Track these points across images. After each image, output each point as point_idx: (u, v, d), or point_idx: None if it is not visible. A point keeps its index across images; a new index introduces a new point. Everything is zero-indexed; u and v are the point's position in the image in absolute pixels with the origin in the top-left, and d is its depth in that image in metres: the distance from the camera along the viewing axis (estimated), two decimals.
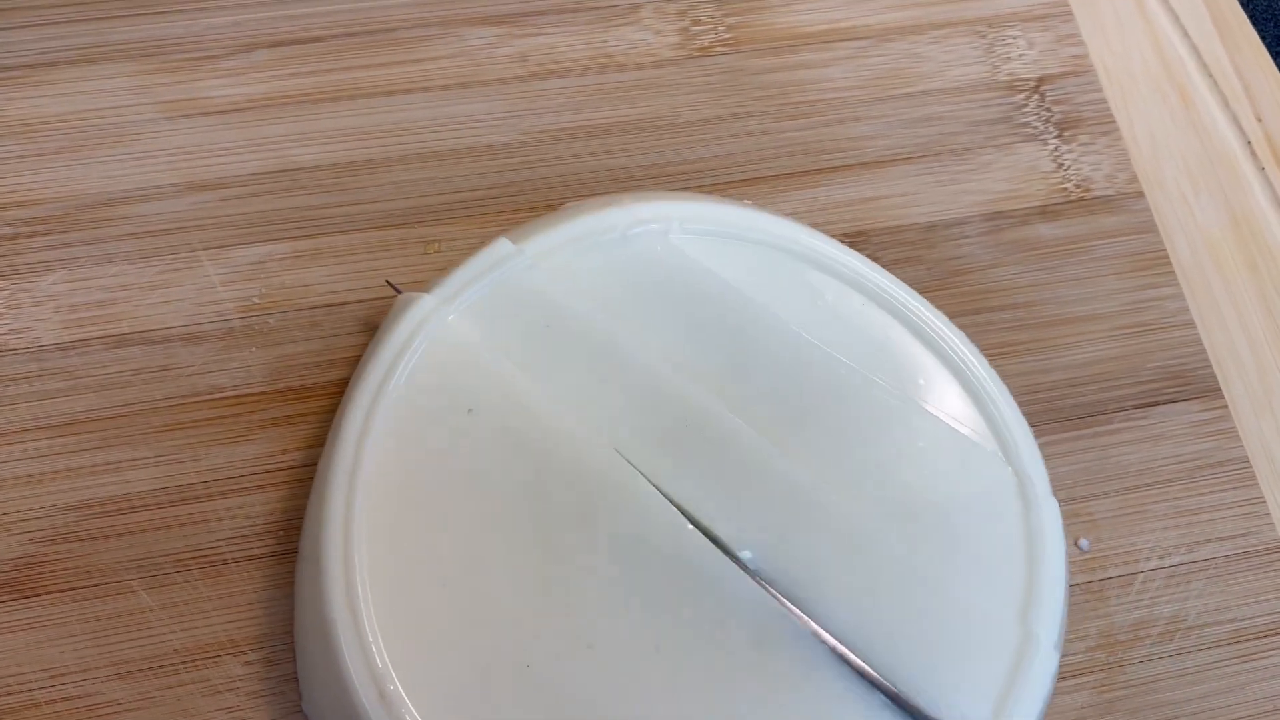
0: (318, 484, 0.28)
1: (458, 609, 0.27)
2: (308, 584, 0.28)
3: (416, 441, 0.28)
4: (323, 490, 0.28)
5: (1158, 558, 0.32)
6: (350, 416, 0.28)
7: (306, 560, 0.28)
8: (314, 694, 0.28)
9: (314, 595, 0.27)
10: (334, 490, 0.28)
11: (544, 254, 0.30)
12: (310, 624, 0.28)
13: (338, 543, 0.27)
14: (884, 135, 0.37)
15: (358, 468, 0.28)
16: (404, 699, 0.25)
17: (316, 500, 0.28)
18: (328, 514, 0.27)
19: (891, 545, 0.28)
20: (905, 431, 0.29)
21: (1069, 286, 0.35)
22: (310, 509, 0.29)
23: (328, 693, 0.27)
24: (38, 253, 0.32)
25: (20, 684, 0.28)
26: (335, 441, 0.28)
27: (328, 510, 0.27)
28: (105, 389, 0.31)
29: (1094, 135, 0.38)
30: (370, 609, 0.26)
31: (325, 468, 0.28)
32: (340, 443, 0.28)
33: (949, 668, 0.27)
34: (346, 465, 0.28)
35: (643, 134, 0.36)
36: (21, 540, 0.29)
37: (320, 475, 0.28)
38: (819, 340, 0.30)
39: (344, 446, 0.28)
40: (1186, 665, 0.31)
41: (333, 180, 0.34)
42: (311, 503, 0.29)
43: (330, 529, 0.27)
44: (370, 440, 0.28)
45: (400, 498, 0.28)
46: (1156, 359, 0.35)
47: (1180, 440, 0.34)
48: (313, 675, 0.28)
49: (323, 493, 0.28)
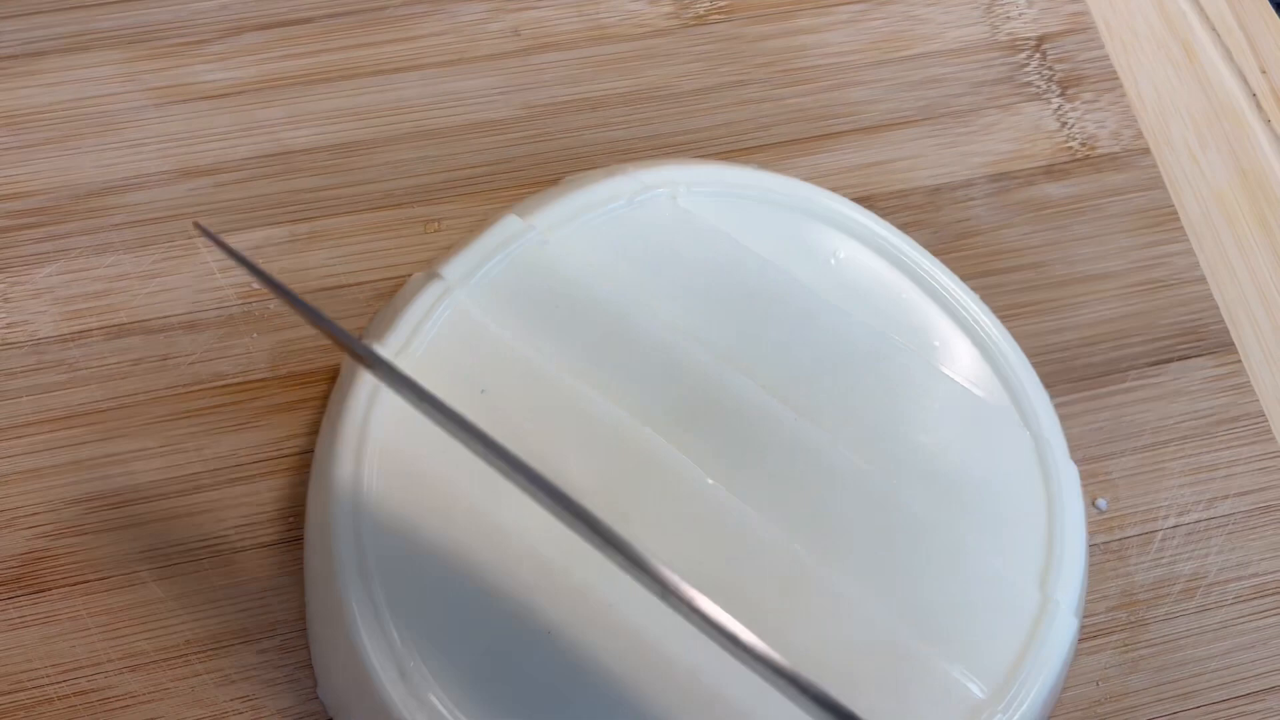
0: (324, 465, 0.28)
1: (473, 581, 0.26)
2: (318, 567, 0.27)
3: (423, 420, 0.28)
4: (329, 471, 0.27)
5: (1176, 515, 0.32)
6: (355, 397, 0.28)
7: (315, 544, 0.28)
8: (330, 678, 0.27)
9: (325, 578, 0.27)
10: (341, 471, 0.27)
11: (553, 227, 0.29)
12: (323, 608, 0.27)
13: (347, 524, 0.27)
14: (885, 99, 0.36)
15: (364, 448, 0.27)
16: (426, 674, 0.25)
17: (322, 481, 0.28)
18: (335, 495, 0.27)
19: (909, 507, 0.28)
20: (921, 394, 0.29)
21: (1078, 245, 0.35)
22: (315, 491, 0.28)
23: (345, 675, 0.26)
24: (31, 245, 0.31)
25: (33, 679, 0.28)
26: (340, 423, 0.28)
27: (335, 491, 0.27)
28: (106, 380, 0.30)
29: (1097, 93, 0.37)
30: (383, 587, 0.26)
31: (330, 449, 0.28)
32: (345, 424, 0.27)
33: (967, 631, 0.27)
34: (352, 446, 0.27)
35: (641, 105, 0.35)
36: (28, 535, 0.29)
37: (326, 457, 0.28)
38: (834, 301, 0.30)
39: (349, 428, 0.27)
40: (1209, 622, 0.31)
41: (328, 162, 0.33)
42: (316, 485, 0.28)
43: (339, 509, 0.27)
44: (377, 421, 0.28)
45: (410, 476, 0.27)
46: (1169, 315, 0.34)
47: (1195, 396, 0.33)
48: (328, 660, 0.27)
49: (329, 474, 0.27)
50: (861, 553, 0.27)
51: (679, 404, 0.28)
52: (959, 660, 0.26)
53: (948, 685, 0.26)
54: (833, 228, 0.31)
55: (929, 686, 0.26)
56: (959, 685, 0.26)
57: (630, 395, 0.28)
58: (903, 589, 0.27)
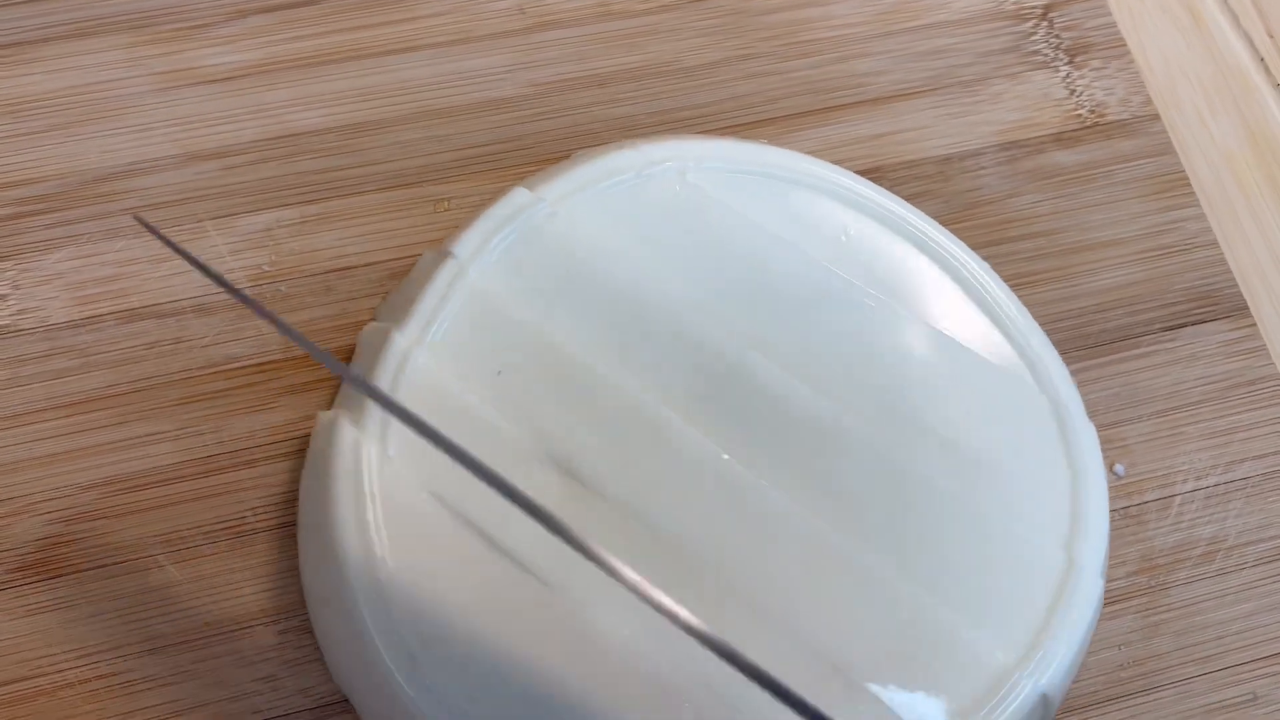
0: (324, 450, 0.28)
1: (483, 564, 0.26)
2: (319, 552, 0.27)
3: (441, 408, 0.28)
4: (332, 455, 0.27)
5: (1194, 479, 0.32)
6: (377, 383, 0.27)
7: (313, 528, 0.28)
8: (340, 665, 0.27)
9: (328, 562, 0.27)
10: (343, 455, 0.27)
11: (561, 199, 0.29)
12: (327, 593, 0.27)
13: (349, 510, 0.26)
14: (892, 70, 0.36)
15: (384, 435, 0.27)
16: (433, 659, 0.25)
17: (321, 465, 0.28)
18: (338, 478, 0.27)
19: (929, 478, 0.28)
20: (936, 365, 0.29)
21: (1089, 212, 0.35)
22: (312, 474, 0.28)
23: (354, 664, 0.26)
24: (40, 231, 0.31)
25: (52, 664, 0.27)
26: (360, 406, 0.27)
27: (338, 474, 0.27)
28: (119, 365, 0.30)
29: (1105, 60, 0.37)
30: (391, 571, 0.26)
31: (335, 435, 0.27)
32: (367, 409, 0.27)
33: (992, 597, 0.27)
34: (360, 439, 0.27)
35: (647, 81, 0.35)
36: (45, 520, 0.29)
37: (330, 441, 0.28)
38: (844, 274, 0.30)
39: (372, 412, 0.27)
40: (1229, 585, 0.31)
41: (337, 143, 0.33)
42: (314, 468, 0.28)
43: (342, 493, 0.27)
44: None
45: (423, 463, 0.27)
46: (1182, 280, 0.34)
47: (1210, 360, 0.33)
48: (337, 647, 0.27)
49: (331, 458, 0.27)
50: (882, 524, 0.27)
51: (692, 380, 0.28)
52: (985, 627, 0.26)
53: (975, 652, 0.26)
54: (842, 203, 0.31)
55: (956, 654, 0.26)
56: (986, 650, 0.26)
57: (644, 372, 0.28)
58: (925, 558, 0.27)
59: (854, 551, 0.27)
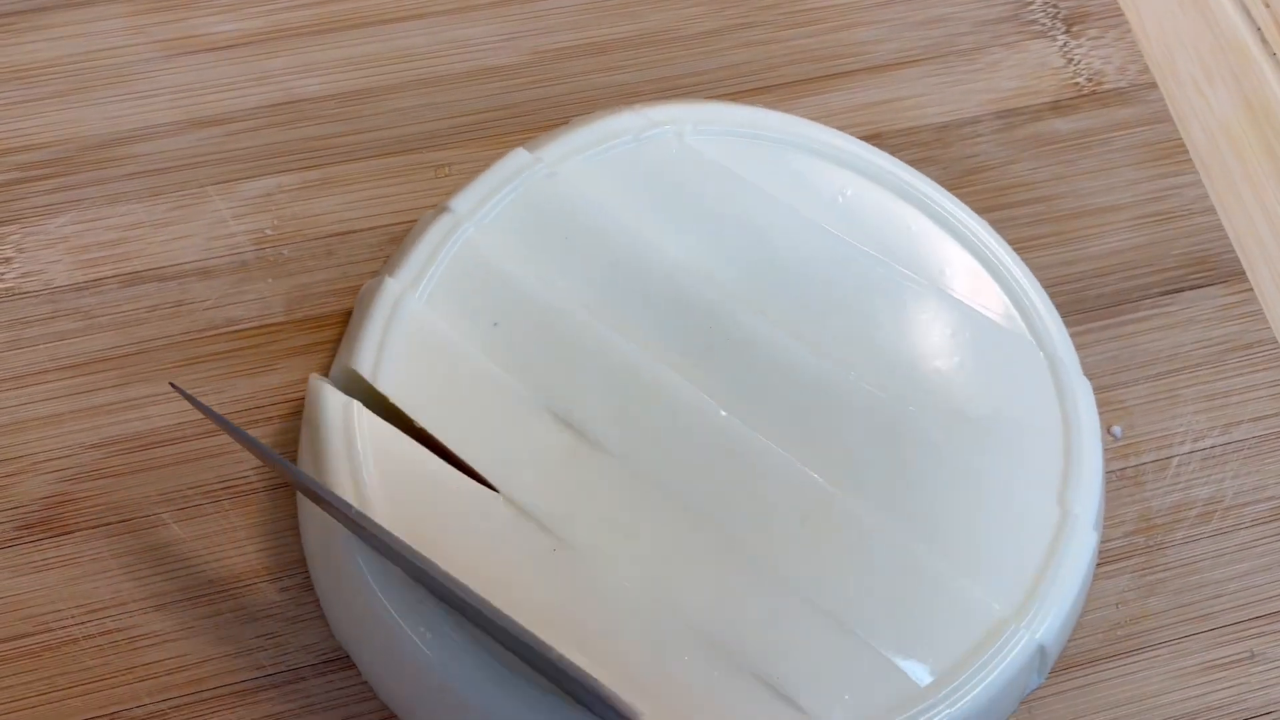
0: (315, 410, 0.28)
1: (480, 508, 0.26)
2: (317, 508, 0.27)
3: (437, 354, 0.28)
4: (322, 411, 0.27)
5: (1191, 441, 0.32)
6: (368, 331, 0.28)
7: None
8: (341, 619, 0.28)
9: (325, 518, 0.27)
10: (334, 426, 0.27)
11: (560, 160, 0.30)
12: (325, 548, 0.27)
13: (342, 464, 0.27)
14: (891, 39, 0.36)
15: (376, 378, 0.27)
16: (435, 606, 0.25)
17: (313, 420, 0.28)
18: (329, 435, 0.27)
19: (925, 432, 0.28)
20: (935, 320, 0.29)
21: (1087, 179, 0.35)
22: (307, 432, 0.28)
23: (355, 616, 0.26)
24: (44, 196, 0.32)
25: (58, 620, 0.28)
26: (352, 351, 0.28)
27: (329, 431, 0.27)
28: (122, 327, 0.30)
29: (1102, 29, 0.37)
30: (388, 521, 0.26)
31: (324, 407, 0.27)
32: (358, 356, 0.27)
33: (987, 550, 0.27)
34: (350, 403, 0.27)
35: (646, 49, 0.35)
36: (50, 479, 0.29)
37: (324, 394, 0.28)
38: (842, 234, 0.30)
39: (365, 355, 0.27)
40: (1226, 545, 0.31)
41: (337, 110, 0.33)
42: (308, 422, 0.28)
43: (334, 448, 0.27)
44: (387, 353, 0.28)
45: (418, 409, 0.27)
46: (1179, 246, 0.34)
47: (1207, 324, 0.33)
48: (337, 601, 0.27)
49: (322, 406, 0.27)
50: (878, 478, 0.28)
51: (690, 339, 0.29)
52: (980, 579, 0.26)
53: (969, 604, 0.26)
54: (839, 165, 0.31)
55: (951, 606, 0.26)
56: (981, 602, 0.26)
57: (641, 330, 0.29)
58: (921, 511, 0.27)
59: (852, 505, 0.27)
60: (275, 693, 0.28)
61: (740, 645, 0.25)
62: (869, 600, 0.26)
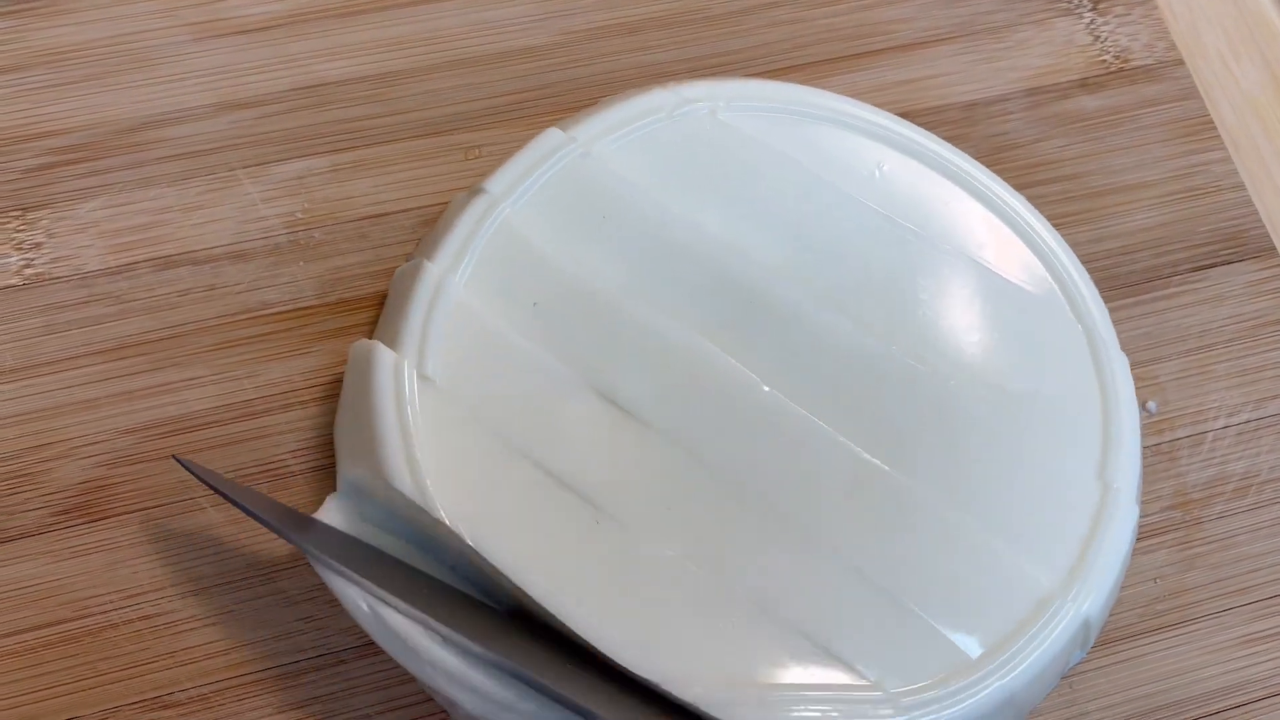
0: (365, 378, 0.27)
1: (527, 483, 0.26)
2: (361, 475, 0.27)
3: (478, 334, 0.28)
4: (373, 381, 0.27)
5: (1226, 416, 0.32)
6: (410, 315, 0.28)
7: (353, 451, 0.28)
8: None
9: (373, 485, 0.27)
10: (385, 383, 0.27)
11: (594, 140, 0.29)
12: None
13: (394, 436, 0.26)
14: (918, 17, 0.36)
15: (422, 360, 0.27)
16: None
17: (362, 391, 0.27)
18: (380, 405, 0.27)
19: (967, 406, 0.28)
20: (974, 295, 0.29)
21: (1116, 156, 0.35)
22: (350, 401, 0.28)
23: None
24: (74, 180, 0.31)
25: (98, 605, 0.28)
26: (395, 333, 0.27)
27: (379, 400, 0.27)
28: (155, 311, 0.30)
29: (1128, 6, 0.37)
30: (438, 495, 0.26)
31: (376, 365, 0.27)
32: (403, 335, 0.27)
33: (1031, 523, 0.27)
34: (401, 361, 0.27)
35: (676, 28, 0.35)
36: (86, 465, 0.29)
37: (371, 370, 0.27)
38: (880, 208, 0.30)
39: (408, 338, 0.27)
40: (1262, 519, 0.31)
41: (368, 92, 0.33)
42: (352, 393, 0.28)
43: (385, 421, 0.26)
44: (431, 337, 0.28)
45: (463, 389, 0.27)
46: (1209, 222, 0.34)
47: (1239, 300, 0.33)
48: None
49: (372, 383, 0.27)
50: (923, 452, 0.27)
51: (731, 315, 0.29)
52: (1025, 551, 0.26)
53: (1016, 576, 0.26)
54: (875, 140, 0.31)
55: (998, 578, 0.26)
56: (1027, 575, 0.26)
57: (682, 307, 0.28)
58: (965, 485, 0.27)
59: (896, 478, 0.27)
60: (316, 676, 0.28)
61: (791, 611, 0.25)
62: (918, 572, 0.26)
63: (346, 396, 0.28)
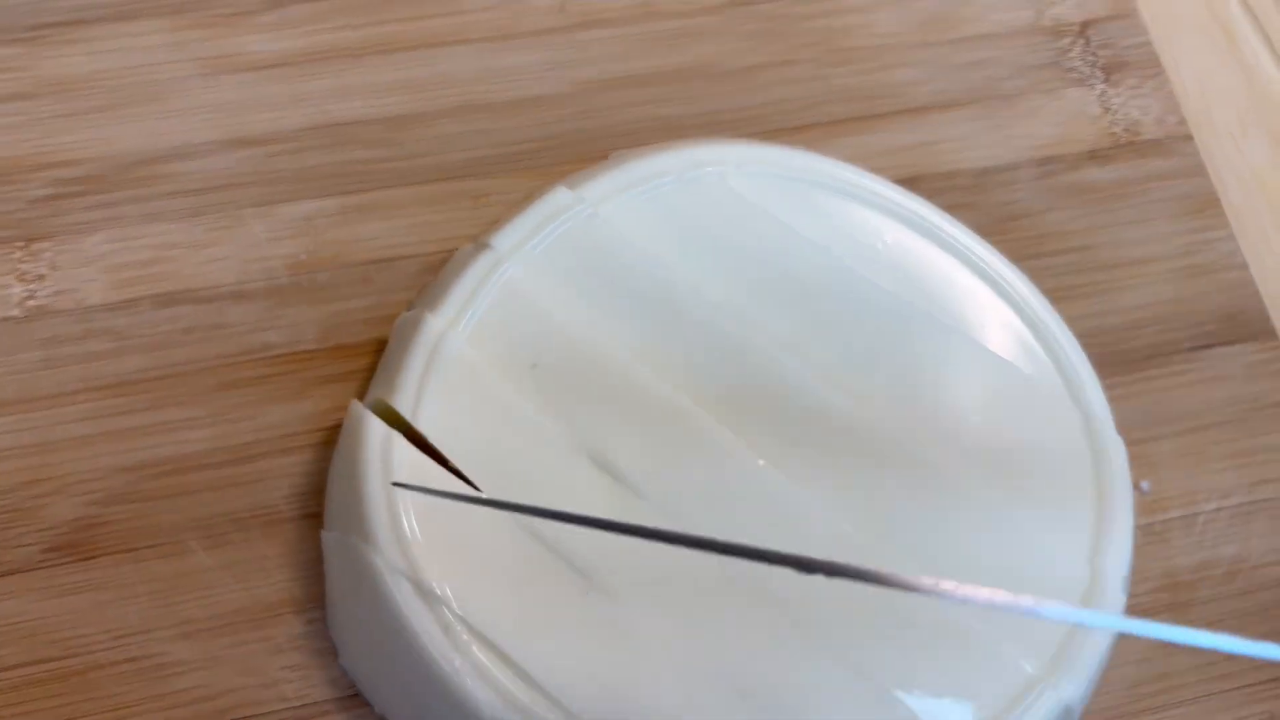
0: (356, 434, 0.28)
1: (517, 551, 0.26)
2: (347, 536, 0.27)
3: (475, 394, 0.28)
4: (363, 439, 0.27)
5: (1219, 498, 0.32)
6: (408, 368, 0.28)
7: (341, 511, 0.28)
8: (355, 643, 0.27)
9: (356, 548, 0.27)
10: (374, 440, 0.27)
11: (602, 200, 0.29)
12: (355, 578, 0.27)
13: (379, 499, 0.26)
14: (931, 80, 0.36)
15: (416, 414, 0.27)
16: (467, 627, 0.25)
17: (352, 447, 0.28)
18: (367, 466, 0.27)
19: (960, 486, 0.28)
20: (972, 374, 0.29)
21: (1123, 230, 0.35)
22: (344, 458, 0.28)
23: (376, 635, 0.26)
24: (80, 213, 0.31)
25: (84, 645, 0.28)
26: (391, 386, 0.28)
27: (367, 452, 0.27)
28: (155, 349, 0.30)
29: (1141, 79, 0.37)
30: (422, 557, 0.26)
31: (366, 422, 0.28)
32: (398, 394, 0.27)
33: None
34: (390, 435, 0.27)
35: (689, 83, 0.35)
36: (79, 502, 0.29)
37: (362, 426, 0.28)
38: (881, 281, 0.30)
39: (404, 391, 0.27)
40: (1250, 605, 0.31)
41: (379, 135, 0.33)
42: (345, 449, 0.28)
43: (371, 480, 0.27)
44: (427, 391, 0.28)
45: (457, 448, 0.27)
46: (1212, 301, 0.34)
47: (1238, 381, 0.33)
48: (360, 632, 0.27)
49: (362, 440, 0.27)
50: (912, 531, 0.28)
51: (729, 385, 0.29)
52: (1009, 635, 0.27)
53: (999, 660, 0.26)
54: (881, 212, 0.31)
55: (980, 662, 0.26)
56: (1010, 660, 0.26)
57: (681, 375, 0.28)
58: (953, 565, 0.27)
59: (885, 557, 0.27)
60: None
61: (771, 698, 0.25)
62: (901, 655, 0.26)
63: (338, 458, 0.28)
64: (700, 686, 0.25)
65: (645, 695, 0.25)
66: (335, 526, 0.28)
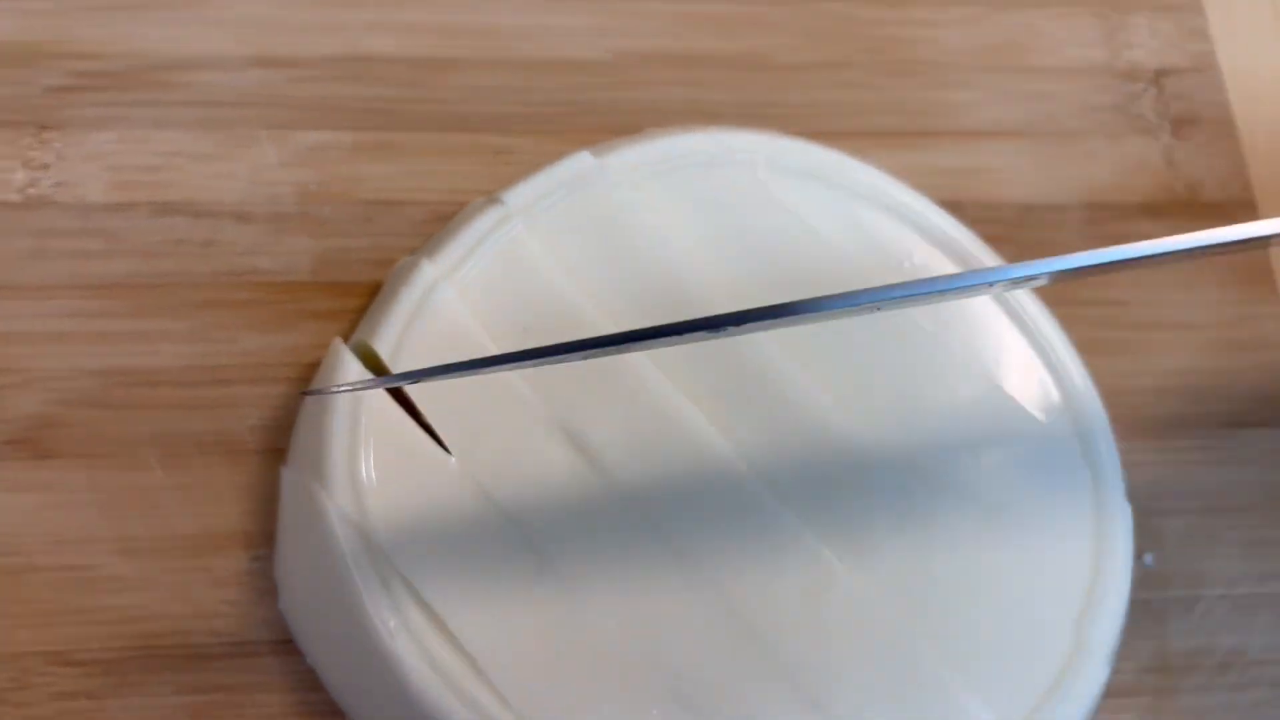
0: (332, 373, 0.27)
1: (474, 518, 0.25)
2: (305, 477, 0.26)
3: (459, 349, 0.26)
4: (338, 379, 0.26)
5: (1225, 585, 0.30)
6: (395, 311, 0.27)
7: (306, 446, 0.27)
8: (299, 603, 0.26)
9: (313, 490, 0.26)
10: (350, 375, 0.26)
11: (625, 171, 0.28)
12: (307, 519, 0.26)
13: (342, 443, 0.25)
14: (989, 106, 0.34)
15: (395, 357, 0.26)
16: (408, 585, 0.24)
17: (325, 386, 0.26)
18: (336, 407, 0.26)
19: (952, 529, 0.26)
20: (982, 413, 0.28)
21: (1167, 290, 0.33)
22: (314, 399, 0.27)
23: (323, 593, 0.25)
24: (93, 108, 0.30)
25: (23, 545, 0.27)
26: (375, 327, 0.26)
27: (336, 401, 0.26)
28: (146, 256, 0.29)
29: (1211, 137, 0.35)
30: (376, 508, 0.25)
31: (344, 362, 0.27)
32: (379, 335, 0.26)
33: (993, 663, 0.26)
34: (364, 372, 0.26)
35: (735, 70, 0.33)
36: (43, 399, 0.28)
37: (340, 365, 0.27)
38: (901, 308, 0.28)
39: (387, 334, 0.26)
40: (1242, 700, 0.29)
41: (407, 75, 0.32)
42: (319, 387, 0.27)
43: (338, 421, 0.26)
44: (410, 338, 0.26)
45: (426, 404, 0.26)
46: (1249, 378, 0.32)
47: (1263, 467, 0.31)
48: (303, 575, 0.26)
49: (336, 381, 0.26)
50: (894, 567, 0.26)
51: (721, 381, 0.27)
52: (980, 692, 0.25)
53: (964, 717, 0.25)
54: (913, 229, 0.30)
55: (945, 715, 0.25)
56: (978, 718, 0.25)
57: (676, 365, 0.27)
58: (933, 610, 0.26)
59: (859, 588, 0.25)
60: (227, 664, 0.26)
61: (714, 715, 0.24)
62: (862, 697, 0.24)
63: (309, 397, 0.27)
64: (641, 685, 0.24)
65: (579, 685, 0.23)
66: (295, 465, 0.27)
